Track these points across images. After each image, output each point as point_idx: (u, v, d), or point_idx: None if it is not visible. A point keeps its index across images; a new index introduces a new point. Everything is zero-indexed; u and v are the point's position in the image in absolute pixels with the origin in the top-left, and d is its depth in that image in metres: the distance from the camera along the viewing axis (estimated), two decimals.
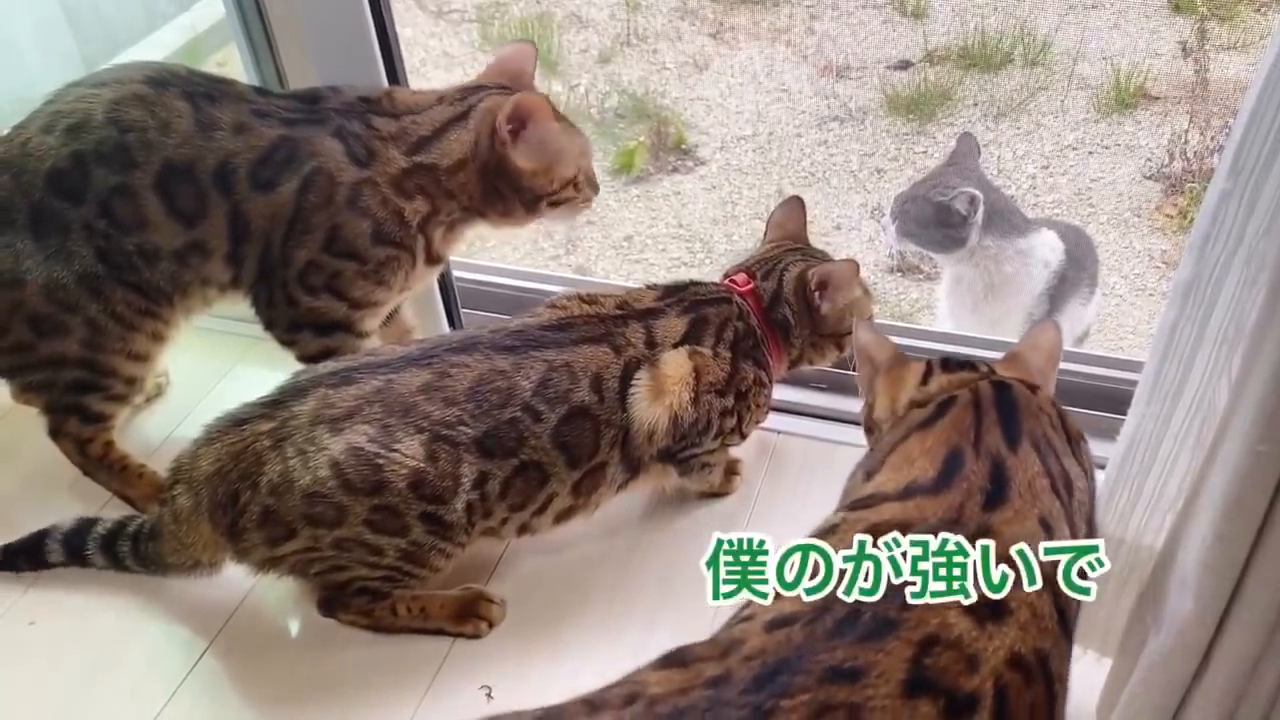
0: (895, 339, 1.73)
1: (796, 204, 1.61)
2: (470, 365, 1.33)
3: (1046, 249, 2.12)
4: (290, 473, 1.27)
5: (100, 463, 1.60)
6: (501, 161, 1.47)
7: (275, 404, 1.32)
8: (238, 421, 1.32)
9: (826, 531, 0.97)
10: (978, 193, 2.04)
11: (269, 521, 1.30)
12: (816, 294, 1.49)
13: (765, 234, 1.63)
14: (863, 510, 0.98)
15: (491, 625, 1.44)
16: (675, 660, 0.85)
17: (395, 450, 1.27)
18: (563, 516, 1.43)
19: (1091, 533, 1.04)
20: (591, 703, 0.83)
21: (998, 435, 1.01)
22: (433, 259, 1.54)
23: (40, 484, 1.60)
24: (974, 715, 0.80)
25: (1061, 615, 0.90)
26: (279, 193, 1.43)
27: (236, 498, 1.30)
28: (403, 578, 1.37)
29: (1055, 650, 0.88)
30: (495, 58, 1.58)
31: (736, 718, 0.78)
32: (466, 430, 1.30)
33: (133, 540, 1.43)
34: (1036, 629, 0.86)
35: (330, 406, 1.29)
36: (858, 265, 1.48)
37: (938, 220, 2.06)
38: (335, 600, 1.41)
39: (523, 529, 1.41)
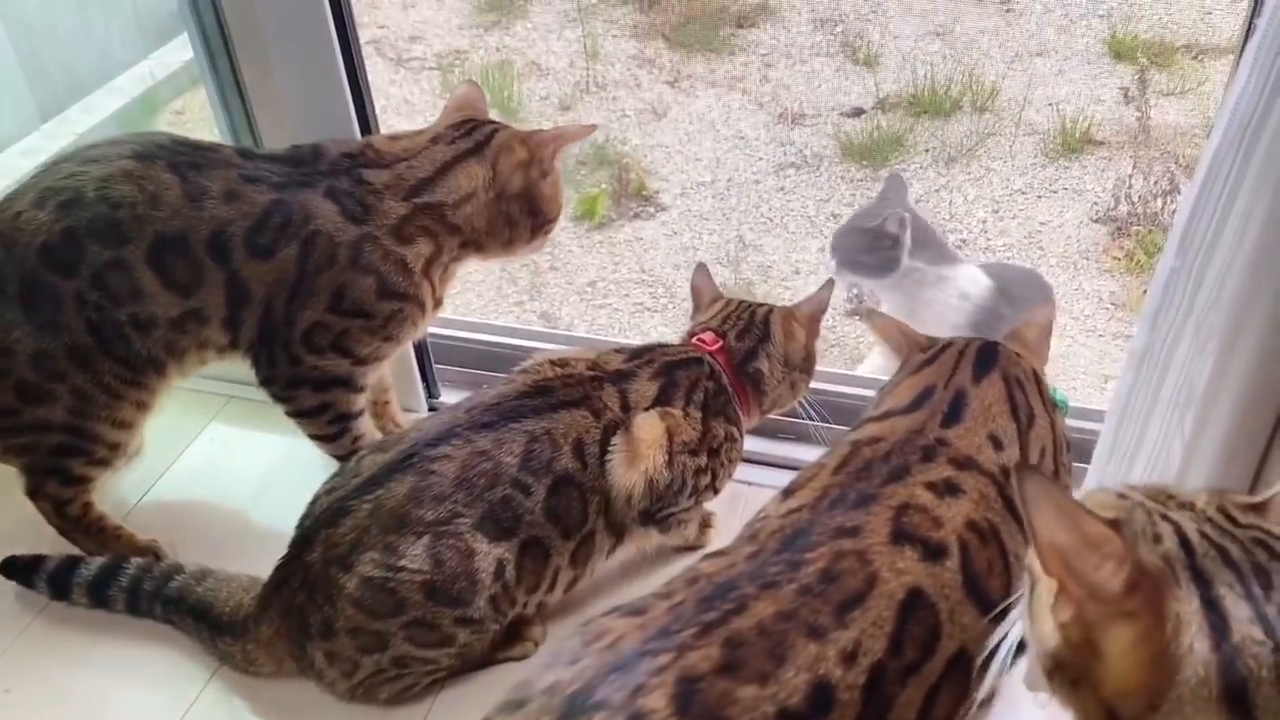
0: (839, 387, 1.80)
1: (705, 269, 1.70)
2: (451, 455, 1.35)
3: (966, 281, 2.21)
4: (327, 619, 1.32)
5: (78, 523, 1.60)
6: (531, 188, 1.54)
7: (293, 559, 1.37)
8: (277, 587, 1.38)
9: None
10: (904, 212, 2.18)
11: (335, 660, 1.35)
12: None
13: (697, 299, 1.68)
14: (852, 433, 1.23)
15: (536, 645, 1.48)
16: (716, 553, 1.08)
17: (401, 568, 1.30)
18: (569, 587, 1.46)
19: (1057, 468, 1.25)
20: (661, 592, 1.03)
21: (968, 373, 1.23)
22: (438, 303, 1.58)
23: (27, 540, 1.59)
24: (946, 559, 1.03)
25: (1009, 504, 1.10)
26: (279, 258, 1.45)
27: (304, 649, 1.36)
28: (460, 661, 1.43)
29: (1005, 527, 1.09)
30: (452, 97, 1.64)
31: (775, 571, 1.01)
32: (464, 520, 1.32)
33: (176, 603, 1.47)
34: (986, 507, 1.09)
35: (334, 546, 1.32)
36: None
37: (872, 245, 2.20)
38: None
39: (540, 605, 1.45)
